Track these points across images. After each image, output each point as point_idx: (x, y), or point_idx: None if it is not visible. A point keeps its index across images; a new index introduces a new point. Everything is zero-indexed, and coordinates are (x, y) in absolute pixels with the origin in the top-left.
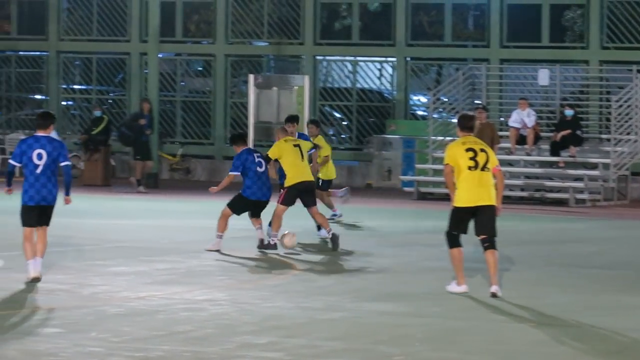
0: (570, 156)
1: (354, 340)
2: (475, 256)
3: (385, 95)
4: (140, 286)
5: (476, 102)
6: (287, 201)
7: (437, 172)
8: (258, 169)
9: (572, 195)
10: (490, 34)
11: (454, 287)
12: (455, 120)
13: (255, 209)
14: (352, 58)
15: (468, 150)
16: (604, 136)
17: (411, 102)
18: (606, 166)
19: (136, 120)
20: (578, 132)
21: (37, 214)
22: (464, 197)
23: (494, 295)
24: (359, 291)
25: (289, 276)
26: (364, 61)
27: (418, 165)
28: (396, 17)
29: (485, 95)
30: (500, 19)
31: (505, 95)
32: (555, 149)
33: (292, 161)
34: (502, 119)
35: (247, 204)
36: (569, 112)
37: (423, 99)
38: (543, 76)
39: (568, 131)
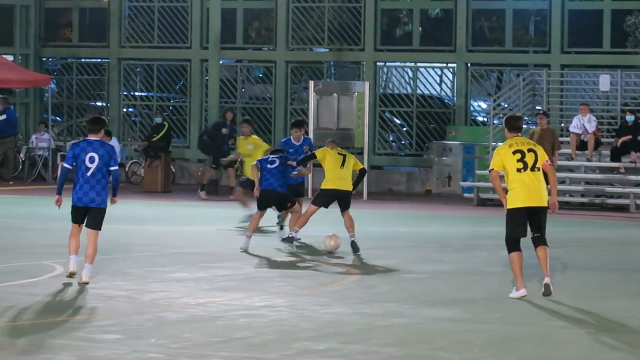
0: (631, 162)
1: (412, 346)
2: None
3: (446, 101)
4: (200, 292)
5: (537, 107)
6: (318, 202)
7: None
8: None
9: (633, 201)
10: (551, 39)
11: (513, 293)
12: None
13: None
14: (412, 64)
15: (515, 152)
16: None
17: (471, 108)
18: None
19: (218, 130)
20: (639, 138)
21: (83, 214)
22: (516, 199)
23: (546, 286)
24: (418, 297)
25: (348, 282)
26: (424, 67)
27: (478, 171)
28: (457, 22)
29: (545, 101)
30: (561, 24)
31: (566, 100)
32: (616, 155)
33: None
34: (562, 124)
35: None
36: (629, 117)
37: (483, 105)
38: (604, 82)
39: (629, 137)
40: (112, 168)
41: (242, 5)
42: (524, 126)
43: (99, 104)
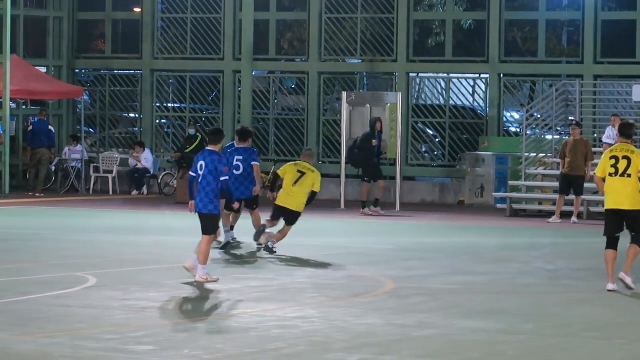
0: None
1: (446, 357)
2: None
3: (478, 112)
4: (233, 303)
5: (570, 118)
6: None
7: (529, 189)
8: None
9: None
10: (584, 49)
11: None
12: (549, 137)
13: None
14: (445, 75)
15: (612, 158)
16: None
17: (504, 119)
18: None
19: (368, 142)
20: None
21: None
22: (607, 201)
23: (622, 280)
24: (452, 308)
25: (381, 293)
26: (457, 78)
27: (511, 182)
28: (489, 33)
29: (578, 111)
30: (594, 34)
31: (599, 111)
32: None
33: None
34: (595, 135)
35: None
36: None
37: (516, 116)
38: (637, 92)
39: None
40: (221, 179)
41: (274, 17)
42: (557, 137)
43: (132, 115)
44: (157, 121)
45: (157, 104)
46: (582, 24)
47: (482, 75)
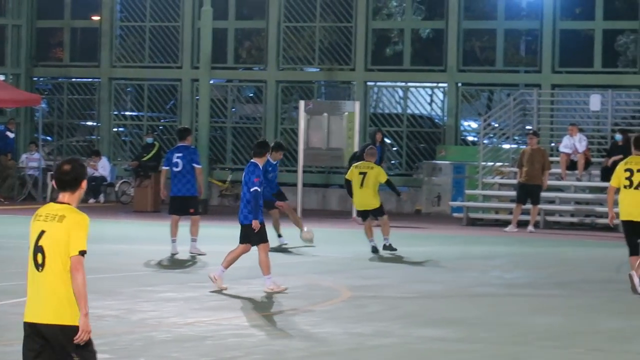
0: None
1: None
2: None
3: (436, 120)
4: (189, 312)
5: (527, 127)
6: None
7: (486, 198)
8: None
9: None
10: (542, 59)
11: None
12: (506, 146)
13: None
14: (403, 84)
15: (626, 170)
16: None
17: (462, 128)
18: None
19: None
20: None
21: None
22: (622, 212)
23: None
24: (409, 317)
25: (338, 302)
26: (414, 87)
27: (468, 191)
28: (447, 42)
29: (536, 120)
30: (552, 44)
31: (557, 120)
32: (607, 175)
33: None
34: (553, 144)
35: None
36: (618, 137)
37: (474, 125)
38: (594, 101)
39: (619, 156)
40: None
41: (233, 25)
42: (514, 146)
43: (89, 123)
44: (115, 129)
45: (115, 112)
46: (540, 34)
47: (440, 84)
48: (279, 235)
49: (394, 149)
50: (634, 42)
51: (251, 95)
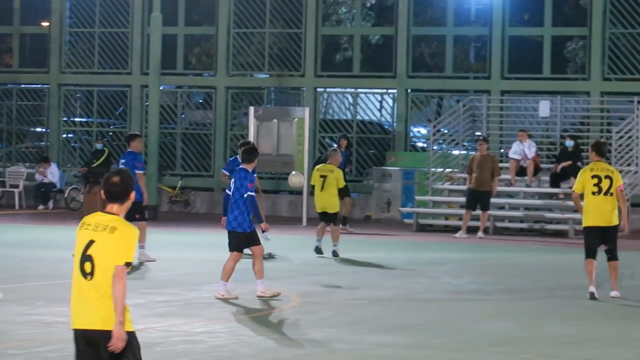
0: (570, 187)
1: None
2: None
3: (386, 127)
4: (139, 318)
5: (477, 133)
6: None
7: (436, 204)
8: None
9: (572, 226)
10: (491, 65)
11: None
12: (455, 152)
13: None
14: (352, 90)
15: (593, 177)
16: None
17: (411, 134)
18: None
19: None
20: (579, 164)
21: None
22: (589, 218)
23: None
24: (359, 323)
25: (288, 308)
26: (364, 93)
27: (417, 197)
28: (397, 48)
29: (485, 126)
30: (501, 50)
31: (506, 126)
32: (556, 181)
33: None
34: (502, 150)
35: None
36: (569, 143)
37: (423, 131)
38: (544, 107)
39: (569, 162)
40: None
41: (182, 31)
42: (464, 152)
43: (38, 129)
44: (64, 135)
45: (64, 119)
46: (490, 40)
47: (390, 91)
48: None
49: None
50: (583, 49)
51: (201, 101)
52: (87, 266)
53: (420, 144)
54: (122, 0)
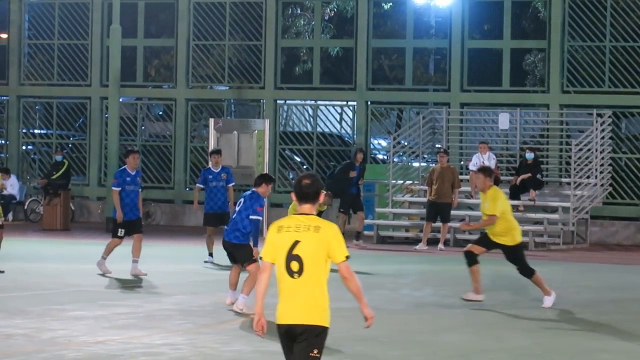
0: (530, 200)
1: None
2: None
3: (346, 139)
4: (99, 330)
5: (437, 145)
6: None
7: (396, 216)
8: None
9: (532, 238)
10: (451, 78)
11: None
12: (415, 164)
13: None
14: (312, 102)
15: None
16: (564, 180)
17: (372, 146)
18: (566, 210)
19: (346, 172)
20: (538, 176)
21: None
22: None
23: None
24: None
25: (248, 320)
26: (324, 105)
27: (378, 209)
28: (357, 61)
29: (445, 139)
30: (461, 63)
31: (466, 139)
32: (515, 193)
33: None
34: (462, 162)
35: None
36: (529, 155)
37: (383, 143)
38: (503, 120)
39: (528, 175)
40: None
41: (142, 43)
42: (424, 164)
43: None
44: (24, 147)
45: (24, 130)
46: (449, 52)
47: (350, 103)
48: (210, 254)
49: (304, 167)
50: (542, 61)
51: (160, 113)
52: (294, 265)
53: (380, 156)
54: (82, 12)
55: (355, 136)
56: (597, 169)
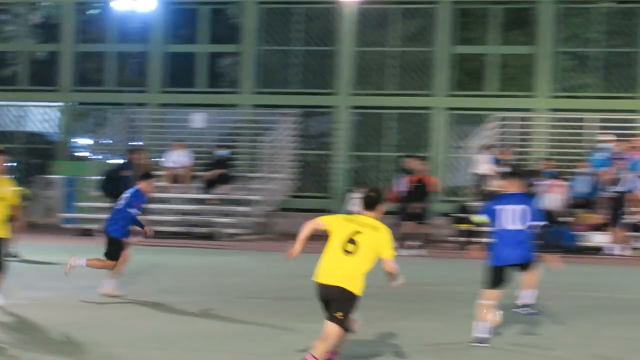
0: (222, 193)
1: None
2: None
3: (51, 137)
4: None
5: (136, 143)
6: None
7: (98, 210)
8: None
9: (223, 230)
10: (150, 80)
11: None
12: (115, 161)
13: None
14: (18, 103)
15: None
16: (254, 175)
17: (76, 144)
18: (256, 202)
19: (119, 172)
20: (230, 171)
21: None
22: None
23: None
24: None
25: None
26: (31, 106)
27: (80, 204)
28: (62, 64)
29: (144, 137)
30: (159, 66)
31: (165, 137)
32: (209, 187)
33: None
34: (160, 159)
35: None
36: (222, 152)
37: (88, 141)
38: (197, 119)
39: (221, 170)
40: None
41: None
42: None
43: None
44: None
45: None
46: (148, 56)
47: (55, 104)
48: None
49: (12, 164)
50: (235, 64)
51: None
52: (350, 247)
53: (83, 154)
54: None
55: (60, 135)
56: (283, 165)
